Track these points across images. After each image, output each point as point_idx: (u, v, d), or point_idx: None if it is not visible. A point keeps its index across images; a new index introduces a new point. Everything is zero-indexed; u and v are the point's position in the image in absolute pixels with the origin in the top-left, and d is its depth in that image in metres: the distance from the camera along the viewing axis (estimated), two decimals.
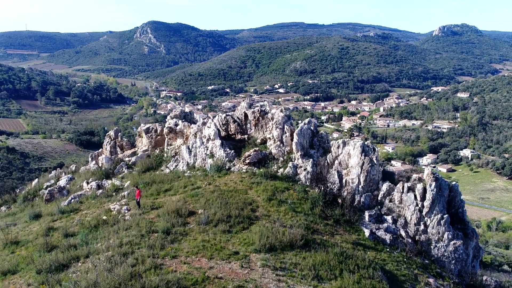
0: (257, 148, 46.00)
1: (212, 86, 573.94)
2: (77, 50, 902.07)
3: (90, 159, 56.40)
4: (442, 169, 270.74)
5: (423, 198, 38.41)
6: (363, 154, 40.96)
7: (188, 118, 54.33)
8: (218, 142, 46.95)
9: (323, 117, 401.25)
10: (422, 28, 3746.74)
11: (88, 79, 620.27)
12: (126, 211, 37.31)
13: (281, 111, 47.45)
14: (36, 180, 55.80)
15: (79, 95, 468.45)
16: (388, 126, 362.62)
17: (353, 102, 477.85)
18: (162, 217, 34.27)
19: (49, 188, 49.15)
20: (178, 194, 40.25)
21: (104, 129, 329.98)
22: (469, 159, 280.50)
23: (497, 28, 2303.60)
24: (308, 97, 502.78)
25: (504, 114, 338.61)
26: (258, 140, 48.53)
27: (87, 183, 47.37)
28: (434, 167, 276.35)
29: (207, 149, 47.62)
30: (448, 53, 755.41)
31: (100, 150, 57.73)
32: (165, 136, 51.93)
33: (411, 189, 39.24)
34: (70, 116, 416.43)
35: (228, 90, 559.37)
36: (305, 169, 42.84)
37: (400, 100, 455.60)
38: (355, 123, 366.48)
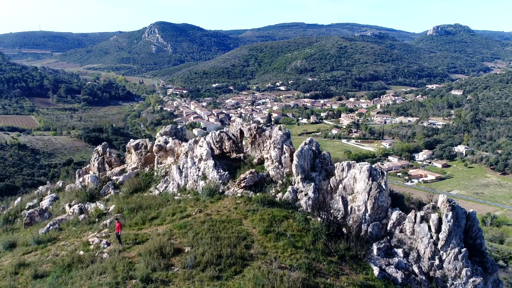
0: (253, 170, 39.63)
1: (216, 84, 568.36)
2: (88, 49, 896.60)
3: (77, 176, 50.02)
4: (438, 164, 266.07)
5: (438, 230, 32.21)
6: (370, 178, 34.67)
7: (179, 135, 47.76)
8: (211, 162, 40.66)
9: (322, 114, 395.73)
10: (417, 28, 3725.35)
11: (99, 77, 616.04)
12: (106, 246, 31.33)
13: (280, 129, 40.90)
14: (19, 198, 49.67)
15: (89, 93, 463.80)
16: (385, 122, 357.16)
17: (351, 99, 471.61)
18: (144, 257, 28.26)
19: (30, 210, 43.12)
20: (165, 224, 34.13)
21: (112, 125, 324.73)
22: (464, 155, 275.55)
23: (489, 27, 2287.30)
24: (308, 94, 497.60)
25: (497, 111, 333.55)
26: (255, 160, 42.12)
27: (70, 206, 41.32)
28: (430, 162, 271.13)
29: (199, 170, 41.37)
30: (442, 52, 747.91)
31: (88, 166, 51.38)
32: (155, 154, 45.88)
33: (424, 219, 32.95)
34: (80, 113, 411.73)
35: (231, 88, 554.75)
36: (306, 194, 36.59)
37: (396, 98, 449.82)
38: (353, 120, 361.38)
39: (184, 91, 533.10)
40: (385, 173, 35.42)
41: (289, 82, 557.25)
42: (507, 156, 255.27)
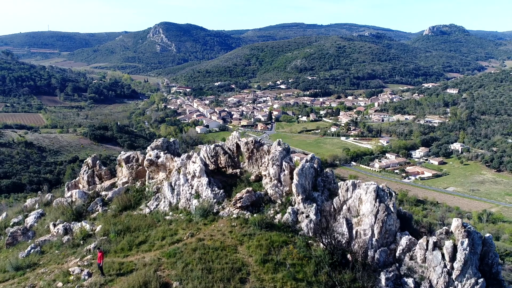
0: (250, 188, 35.33)
1: (219, 83, 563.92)
2: (95, 49, 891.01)
3: (66, 189, 45.67)
4: (434, 161, 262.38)
5: (452, 258, 28.15)
6: (377, 200, 30.45)
7: (171, 149, 43.42)
8: (204, 180, 36.36)
9: (321, 112, 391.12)
10: (413, 28, 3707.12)
11: (105, 75, 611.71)
12: (86, 277, 27.26)
13: (279, 144, 36.49)
14: (5, 214, 45.32)
15: (95, 91, 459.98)
16: (383, 120, 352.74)
17: (350, 98, 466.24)
18: None
19: (13, 229, 38.81)
20: (153, 250, 29.92)
21: (117, 123, 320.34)
22: (459, 152, 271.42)
23: (483, 28, 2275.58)
24: (308, 92, 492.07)
25: (492, 110, 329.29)
26: (252, 177, 37.78)
27: (54, 225, 37.16)
28: (426, 159, 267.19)
29: (192, 188, 37.07)
30: (438, 51, 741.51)
31: (77, 178, 46.99)
32: (146, 168, 41.53)
33: (437, 245, 28.82)
34: (86, 111, 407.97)
35: (233, 86, 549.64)
36: (307, 216, 32.26)
37: (393, 96, 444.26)
38: (352, 118, 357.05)
39: (188, 90, 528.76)
40: (394, 194, 31.18)
41: (289, 81, 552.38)
42: (502, 153, 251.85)
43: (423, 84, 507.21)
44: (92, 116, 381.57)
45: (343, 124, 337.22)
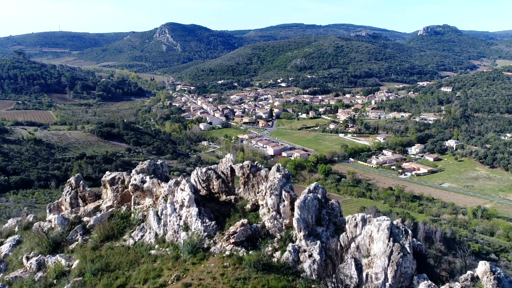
0: (245, 221, 29.50)
1: (222, 81, 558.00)
2: (103, 48, 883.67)
3: (48, 211, 40.00)
4: (429, 158, 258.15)
5: None
6: (391, 239, 24.96)
7: (158, 172, 37.50)
8: (194, 210, 30.66)
9: (320, 109, 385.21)
10: (408, 28, 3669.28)
11: (113, 74, 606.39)
12: None
13: (278, 170, 30.74)
14: None
15: (103, 89, 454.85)
16: (379, 117, 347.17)
17: (347, 95, 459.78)
18: None
19: None
20: None
21: (123, 121, 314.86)
22: (454, 149, 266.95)
23: (475, 28, 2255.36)
24: (307, 90, 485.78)
25: (485, 107, 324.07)
26: (248, 205, 32.06)
27: (28, 258, 31.74)
28: (422, 156, 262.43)
29: (180, 219, 31.41)
30: (432, 51, 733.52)
31: (60, 199, 41.21)
32: (131, 193, 35.90)
33: None
34: (95, 108, 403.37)
35: (236, 84, 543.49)
36: (310, 256, 26.57)
37: (389, 94, 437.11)
38: (350, 115, 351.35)
39: (192, 88, 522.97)
40: (410, 231, 25.62)
41: (290, 79, 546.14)
42: (495, 150, 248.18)
43: (418, 83, 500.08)
44: (100, 113, 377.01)
45: (341, 121, 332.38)
